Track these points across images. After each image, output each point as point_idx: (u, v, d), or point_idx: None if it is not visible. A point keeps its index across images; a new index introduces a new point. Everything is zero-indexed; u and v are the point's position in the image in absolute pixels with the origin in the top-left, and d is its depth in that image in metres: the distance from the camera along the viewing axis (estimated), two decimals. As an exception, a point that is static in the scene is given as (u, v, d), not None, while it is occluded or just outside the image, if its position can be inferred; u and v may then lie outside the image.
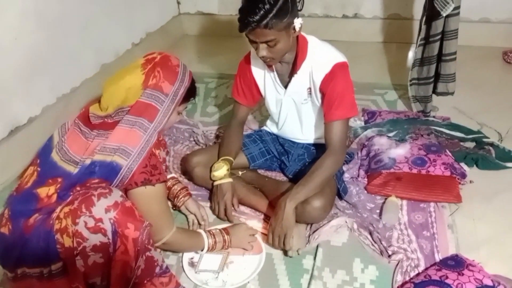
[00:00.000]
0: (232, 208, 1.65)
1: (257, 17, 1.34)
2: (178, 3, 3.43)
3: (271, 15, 1.34)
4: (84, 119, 1.29)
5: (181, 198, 1.63)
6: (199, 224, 1.62)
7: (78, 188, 1.20)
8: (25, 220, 1.18)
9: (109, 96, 1.26)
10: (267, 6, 1.33)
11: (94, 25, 2.48)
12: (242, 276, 1.43)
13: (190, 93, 1.35)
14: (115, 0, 2.67)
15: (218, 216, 1.66)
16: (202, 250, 1.47)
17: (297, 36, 1.52)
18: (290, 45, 1.49)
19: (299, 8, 1.45)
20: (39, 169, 1.25)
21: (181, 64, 1.32)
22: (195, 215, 1.63)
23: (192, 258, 1.49)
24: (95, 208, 1.13)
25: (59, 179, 1.21)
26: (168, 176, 1.63)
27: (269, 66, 1.61)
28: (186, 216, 1.66)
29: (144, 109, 1.23)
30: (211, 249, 1.47)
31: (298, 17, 1.43)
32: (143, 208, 1.25)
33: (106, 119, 1.25)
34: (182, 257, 1.50)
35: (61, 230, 1.14)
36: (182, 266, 1.47)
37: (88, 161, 1.20)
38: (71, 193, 1.20)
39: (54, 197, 1.20)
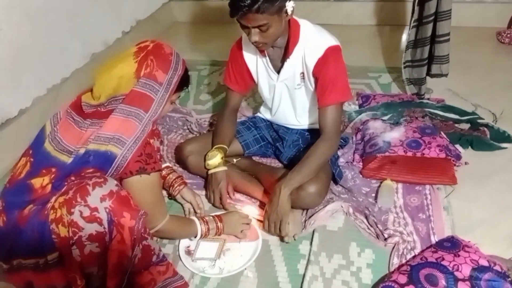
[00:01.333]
0: (227, 196, 1.64)
1: (249, 1, 1.31)
2: (168, -11, 3.38)
3: None
4: (77, 108, 1.27)
5: (176, 187, 1.63)
6: (195, 212, 1.62)
7: (73, 178, 1.19)
8: (19, 211, 1.17)
9: (102, 85, 1.24)
10: None
11: (81, 15, 2.43)
12: (239, 263, 1.43)
13: (184, 81, 1.34)
14: (103, -12, 2.62)
15: (213, 205, 1.65)
16: (195, 237, 1.47)
17: (289, 20, 1.50)
18: (282, 29, 1.47)
19: None
20: (32, 159, 1.24)
21: (174, 53, 1.30)
22: (190, 203, 1.62)
23: (188, 247, 1.49)
24: (90, 198, 1.13)
25: (53, 169, 1.20)
26: (163, 165, 1.62)
27: (261, 51, 1.59)
28: (182, 204, 1.65)
29: (139, 99, 1.22)
30: (204, 236, 1.48)
31: (290, 0, 1.41)
32: (137, 197, 1.24)
33: (99, 108, 1.23)
34: (178, 245, 1.50)
35: (56, 220, 1.13)
36: (179, 255, 1.46)
37: (82, 151, 1.19)
38: (66, 183, 1.19)
39: (49, 187, 1.19)
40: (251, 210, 1.63)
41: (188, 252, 1.48)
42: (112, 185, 1.17)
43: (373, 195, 1.65)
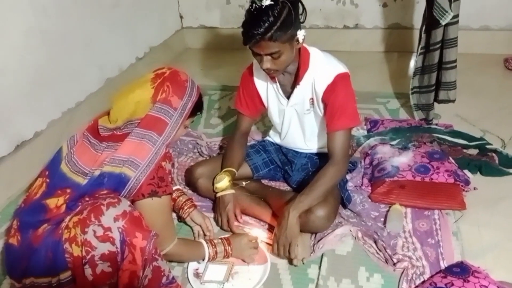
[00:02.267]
0: (235, 219, 1.65)
1: (262, 30, 1.36)
2: (181, 17, 3.48)
3: (275, 27, 1.37)
4: (93, 131, 1.31)
5: (186, 209, 1.64)
6: (204, 234, 1.63)
7: (87, 199, 1.22)
8: (33, 231, 1.20)
9: (119, 109, 1.28)
10: (271, 19, 1.36)
11: (97, 41, 2.51)
12: (248, 286, 1.42)
13: (198, 107, 1.38)
14: (118, 16, 2.71)
15: (221, 227, 1.66)
16: (203, 260, 1.47)
17: (299, 48, 1.55)
18: (293, 56, 1.51)
19: (301, 20, 1.47)
20: (48, 180, 1.27)
21: (189, 79, 1.35)
22: (200, 226, 1.63)
23: (197, 269, 1.50)
24: (104, 217, 1.15)
25: (68, 190, 1.23)
26: (174, 188, 1.64)
27: (272, 78, 1.63)
28: (191, 227, 1.66)
29: (154, 123, 1.26)
30: (212, 259, 1.48)
31: (301, 29, 1.46)
32: (148, 219, 1.25)
33: (115, 132, 1.28)
34: (187, 268, 1.50)
35: (70, 239, 1.16)
36: (188, 277, 1.47)
37: (97, 173, 1.22)
38: (80, 204, 1.22)
39: (63, 207, 1.22)
40: (259, 233, 1.64)
41: (197, 275, 1.48)
42: (126, 205, 1.20)
43: (382, 219, 1.65)
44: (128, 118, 1.27)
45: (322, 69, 1.56)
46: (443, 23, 1.87)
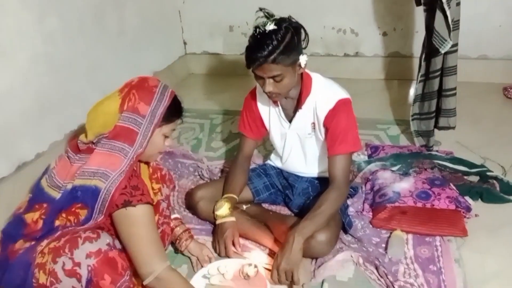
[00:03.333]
0: (233, 246, 1.62)
1: (265, 53, 1.39)
2: (185, 43, 3.55)
3: (278, 50, 1.40)
4: (74, 147, 1.31)
5: (183, 241, 1.59)
6: (202, 266, 1.58)
7: (64, 215, 1.21)
8: (12, 245, 1.20)
9: (90, 122, 1.28)
10: (274, 42, 1.40)
11: (101, 67, 2.55)
12: None
13: (173, 113, 1.32)
14: (123, 43, 2.76)
15: (219, 254, 1.64)
16: None
17: (302, 73, 1.58)
18: (296, 81, 1.54)
19: (304, 46, 1.50)
20: (30, 195, 1.29)
21: (160, 85, 1.30)
22: (197, 258, 1.60)
23: None
24: (77, 251, 1.13)
25: (44, 205, 1.23)
26: (172, 217, 1.60)
27: (274, 102, 1.65)
28: (189, 257, 1.63)
29: (123, 133, 1.23)
30: None
31: (303, 54, 1.49)
32: (126, 232, 1.21)
33: (90, 145, 1.27)
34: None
35: (40, 265, 1.14)
36: None
37: (69, 186, 1.21)
38: (57, 221, 1.21)
39: (40, 223, 1.21)
40: (258, 256, 1.62)
41: None
42: (103, 243, 1.17)
43: (383, 245, 1.64)
44: (99, 131, 1.25)
45: (324, 94, 1.59)
46: (443, 52, 1.90)
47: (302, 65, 1.50)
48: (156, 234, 1.28)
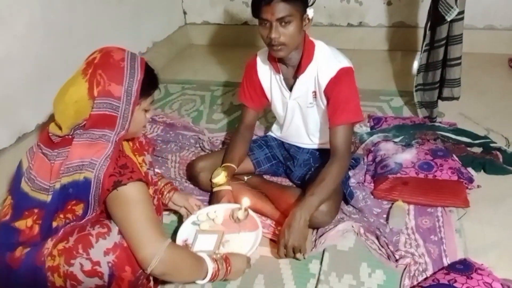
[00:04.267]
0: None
1: None
2: (185, 13, 3.47)
3: None
4: (45, 140, 1.19)
5: (166, 194, 1.54)
6: (190, 213, 1.55)
7: (61, 216, 1.14)
8: (10, 253, 1.13)
9: (60, 115, 1.16)
10: None
11: (101, 35, 2.51)
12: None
13: (149, 85, 1.21)
14: (123, 12, 2.71)
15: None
16: (204, 278, 1.27)
17: (305, 38, 1.54)
18: (301, 37, 1.50)
19: (312, 1, 1.49)
20: (12, 201, 1.19)
21: (126, 57, 1.16)
22: (185, 208, 1.57)
23: (186, 240, 1.45)
24: (93, 250, 1.10)
25: (35, 210, 1.14)
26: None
27: (275, 66, 1.61)
28: (177, 211, 1.60)
29: (101, 121, 1.13)
30: (214, 276, 1.28)
31: (310, 8, 1.47)
32: (120, 214, 1.13)
33: (66, 137, 1.16)
34: (176, 239, 1.44)
35: (52, 268, 1.10)
36: None
37: (58, 185, 1.12)
38: (55, 222, 1.14)
39: (35, 228, 1.14)
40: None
41: (186, 246, 1.43)
42: (115, 235, 1.14)
43: (385, 216, 1.64)
44: (73, 122, 1.14)
45: (326, 62, 1.55)
46: (449, 19, 1.86)
47: (310, 17, 1.48)
48: (152, 212, 1.19)
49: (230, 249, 1.42)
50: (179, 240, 1.45)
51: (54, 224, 1.14)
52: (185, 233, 1.49)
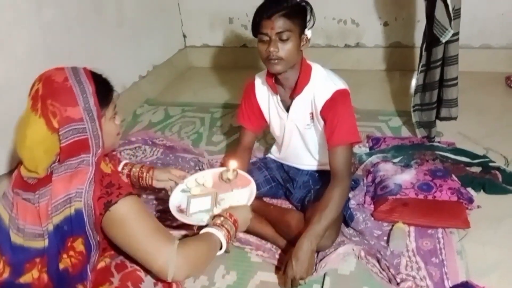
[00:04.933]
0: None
1: (279, 5, 1.43)
2: (184, 36, 3.53)
3: (291, 4, 1.44)
4: (21, 185, 1.11)
5: (146, 175, 1.50)
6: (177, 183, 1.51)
7: (64, 256, 1.08)
8: None
9: (30, 161, 1.09)
10: (288, 2, 1.44)
11: (101, 59, 2.54)
12: None
13: (104, 92, 1.14)
14: (123, 35, 2.75)
15: None
16: (221, 249, 1.21)
17: (302, 62, 1.57)
18: (298, 56, 1.53)
19: (311, 23, 1.53)
20: (4, 257, 1.10)
21: (69, 75, 1.09)
22: (171, 180, 1.53)
23: (179, 206, 1.40)
24: (144, 284, 1.12)
25: (37, 260, 1.08)
26: (121, 164, 1.52)
27: (273, 86, 1.63)
28: (164, 189, 1.55)
29: (73, 149, 1.08)
30: (228, 241, 1.22)
31: (309, 29, 1.51)
32: (121, 234, 1.08)
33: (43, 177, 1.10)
34: (168, 205, 1.40)
35: None
36: (172, 215, 1.38)
37: (51, 227, 1.06)
38: (61, 264, 1.08)
39: (44, 277, 1.08)
40: (260, 252, 1.61)
41: (181, 211, 1.38)
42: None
43: (385, 238, 1.63)
44: (47, 162, 1.08)
45: (322, 84, 1.58)
46: (444, 41, 1.88)
47: (308, 37, 1.52)
48: (152, 221, 1.13)
49: (226, 206, 1.36)
50: (172, 207, 1.39)
51: (61, 266, 1.08)
52: (176, 200, 1.44)
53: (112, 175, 1.12)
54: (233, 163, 1.51)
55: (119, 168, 1.52)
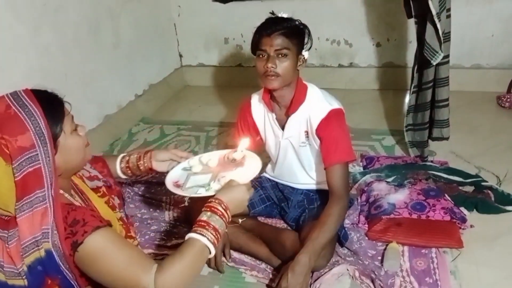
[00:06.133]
0: (224, 257, 1.64)
1: (278, 24, 1.49)
2: (180, 56, 3.57)
3: (290, 25, 1.51)
4: None
5: (143, 159, 1.46)
6: (179, 159, 1.45)
7: None
8: None
9: (0, 200, 1.03)
10: (287, 22, 1.51)
11: (97, 80, 2.57)
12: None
13: (53, 108, 1.07)
14: (119, 56, 2.79)
15: (208, 265, 1.63)
16: (211, 252, 1.10)
17: (298, 80, 1.61)
18: (294, 74, 1.56)
19: (308, 45, 1.58)
20: None
21: (10, 101, 1.02)
22: (172, 160, 1.47)
23: (177, 182, 1.33)
24: None
25: None
26: (119, 157, 1.49)
27: (268, 104, 1.65)
28: (167, 172, 1.43)
29: (27, 184, 1.00)
30: (218, 239, 1.10)
31: (306, 51, 1.57)
32: (96, 271, 1.03)
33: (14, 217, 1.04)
34: (165, 182, 1.32)
35: None
36: (168, 190, 1.30)
37: (25, 268, 1.02)
38: None
39: None
40: (255, 272, 1.61)
41: (177, 186, 1.31)
42: None
43: (379, 258, 1.63)
44: (13, 200, 1.01)
45: (317, 103, 1.60)
46: (434, 63, 1.92)
47: (306, 57, 1.57)
48: (125, 250, 1.04)
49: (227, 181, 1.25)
50: (169, 182, 1.33)
51: None
52: (175, 176, 1.37)
53: (78, 210, 1.06)
54: (245, 142, 1.42)
55: (117, 163, 1.48)
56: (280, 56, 1.50)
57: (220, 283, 1.59)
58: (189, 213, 1.79)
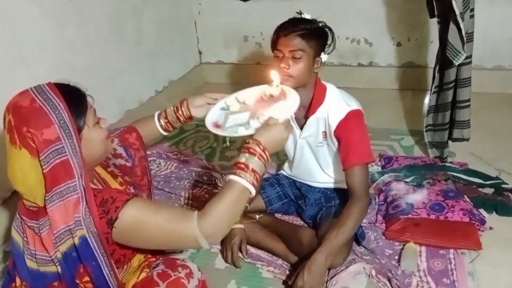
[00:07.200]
0: (241, 253, 1.66)
1: (297, 26, 1.49)
2: (200, 53, 3.60)
3: (309, 27, 1.50)
4: (26, 212, 1.10)
5: (183, 110, 1.46)
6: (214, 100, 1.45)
7: (77, 281, 1.08)
8: None
9: (27, 194, 1.07)
10: (308, 24, 1.51)
11: (119, 76, 2.62)
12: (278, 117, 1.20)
13: (76, 102, 1.08)
14: (141, 52, 2.84)
15: (225, 261, 1.66)
16: (251, 193, 1.10)
17: (316, 82, 1.61)
18: (309, 77, 1.56)
19: (329, 50, 1.58)
20: (25, 283, 1.11)
21: (35, 95, 1.04)
22: (209, 103, 1.46)
23: (216, 122, 1.32)
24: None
25: (55, 284, 1.08)
26: (156, 114, 1.51)
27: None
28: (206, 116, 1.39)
29: (57, 175, 1.03)
30: (256, 180, 1.09)
31: (325, 54, 1.56)
32: (140, 240, 1.07)
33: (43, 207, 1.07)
34: (205, 123, 1.32)
35: None
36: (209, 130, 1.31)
37: (59, 255, 1.05)
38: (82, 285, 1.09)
39: None
40: (272, 268, 1.62)
41: (217, 127, 1.30)
42: (196, 271, 1.21)
43: (396, 257, 1.63)
44: (43, 192, 1.04)
45: (336, 104, 1.61)
46: (456, 64, 1.90)
47: (323, 60, 1.56)
48: (161, 211, 1.07)
49: (266, 119, 1.22)
50: (209, 123, 1.32)
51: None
52: (214, 116, 1.36)
53: (104, 190, 1.10)
54: (275, 74, 1.39)
55: (155, 122, 1.49)
56: (294, 57, 1.50)
57: (237, 277, 1.61)
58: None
